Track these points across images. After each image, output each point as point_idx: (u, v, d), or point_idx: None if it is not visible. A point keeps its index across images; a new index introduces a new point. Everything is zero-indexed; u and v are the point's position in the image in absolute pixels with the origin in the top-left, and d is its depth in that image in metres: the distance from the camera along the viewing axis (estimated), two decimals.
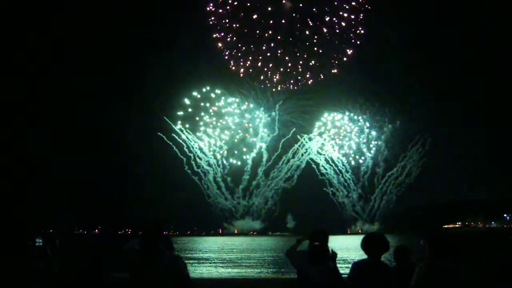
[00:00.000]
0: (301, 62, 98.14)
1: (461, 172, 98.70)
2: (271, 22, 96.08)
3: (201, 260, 26.97)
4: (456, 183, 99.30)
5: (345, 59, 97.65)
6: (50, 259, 5.18)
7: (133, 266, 4.60)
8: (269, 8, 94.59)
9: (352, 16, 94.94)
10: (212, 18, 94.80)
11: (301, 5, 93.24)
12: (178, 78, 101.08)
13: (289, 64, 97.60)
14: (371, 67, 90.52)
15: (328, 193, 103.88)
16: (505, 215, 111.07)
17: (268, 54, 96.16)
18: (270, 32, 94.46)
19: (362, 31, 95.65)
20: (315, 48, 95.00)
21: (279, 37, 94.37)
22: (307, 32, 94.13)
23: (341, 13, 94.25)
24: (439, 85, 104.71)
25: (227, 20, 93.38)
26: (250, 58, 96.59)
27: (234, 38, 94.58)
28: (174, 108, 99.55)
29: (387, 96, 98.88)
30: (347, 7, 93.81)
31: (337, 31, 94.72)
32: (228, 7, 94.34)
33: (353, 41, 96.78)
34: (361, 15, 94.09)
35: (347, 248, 39.07)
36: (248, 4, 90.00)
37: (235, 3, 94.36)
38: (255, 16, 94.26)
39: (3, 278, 4.43)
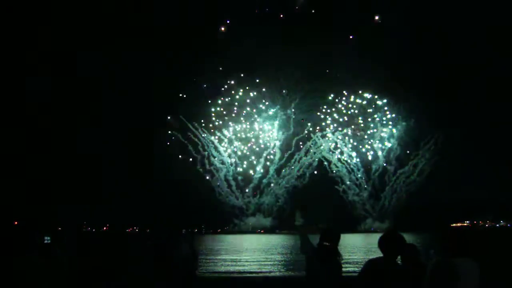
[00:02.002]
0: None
1: (471, 170, 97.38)
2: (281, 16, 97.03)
3: (210, 258, 27.09)
4: (467, 181, 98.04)
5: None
6: (58, 257, 5.18)
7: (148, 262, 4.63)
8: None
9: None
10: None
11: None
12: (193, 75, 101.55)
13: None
14: (384, 65, 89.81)
15: (339, 191, 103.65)
16: None
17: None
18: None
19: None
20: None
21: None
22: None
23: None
24: (454, 83, 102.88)
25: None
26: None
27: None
28: (190, 106, 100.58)
29: (401, 94, 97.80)
30: None
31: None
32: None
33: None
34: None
35: (356, 247, 38.91)
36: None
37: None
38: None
39: (8, 277, 4.45)
